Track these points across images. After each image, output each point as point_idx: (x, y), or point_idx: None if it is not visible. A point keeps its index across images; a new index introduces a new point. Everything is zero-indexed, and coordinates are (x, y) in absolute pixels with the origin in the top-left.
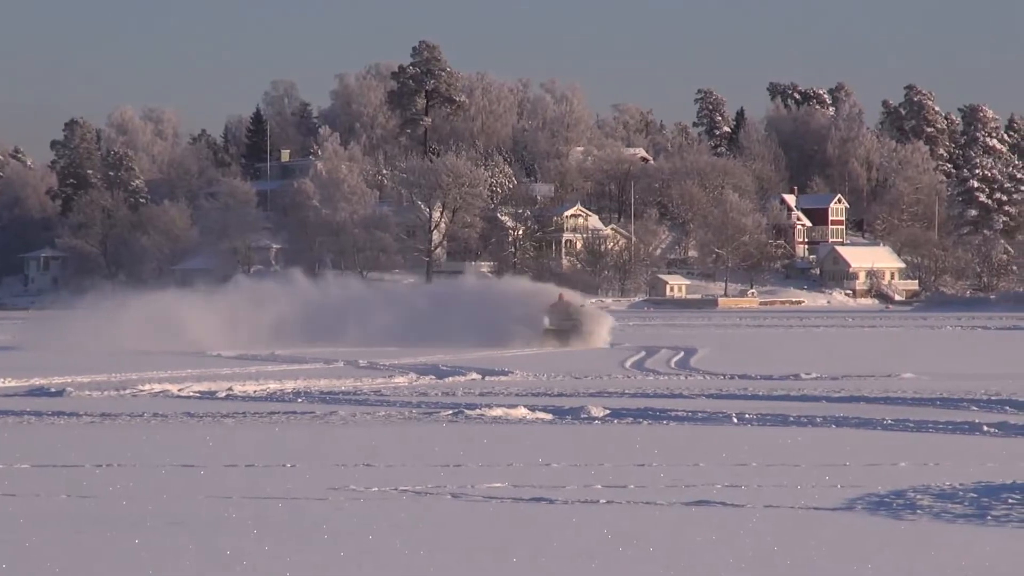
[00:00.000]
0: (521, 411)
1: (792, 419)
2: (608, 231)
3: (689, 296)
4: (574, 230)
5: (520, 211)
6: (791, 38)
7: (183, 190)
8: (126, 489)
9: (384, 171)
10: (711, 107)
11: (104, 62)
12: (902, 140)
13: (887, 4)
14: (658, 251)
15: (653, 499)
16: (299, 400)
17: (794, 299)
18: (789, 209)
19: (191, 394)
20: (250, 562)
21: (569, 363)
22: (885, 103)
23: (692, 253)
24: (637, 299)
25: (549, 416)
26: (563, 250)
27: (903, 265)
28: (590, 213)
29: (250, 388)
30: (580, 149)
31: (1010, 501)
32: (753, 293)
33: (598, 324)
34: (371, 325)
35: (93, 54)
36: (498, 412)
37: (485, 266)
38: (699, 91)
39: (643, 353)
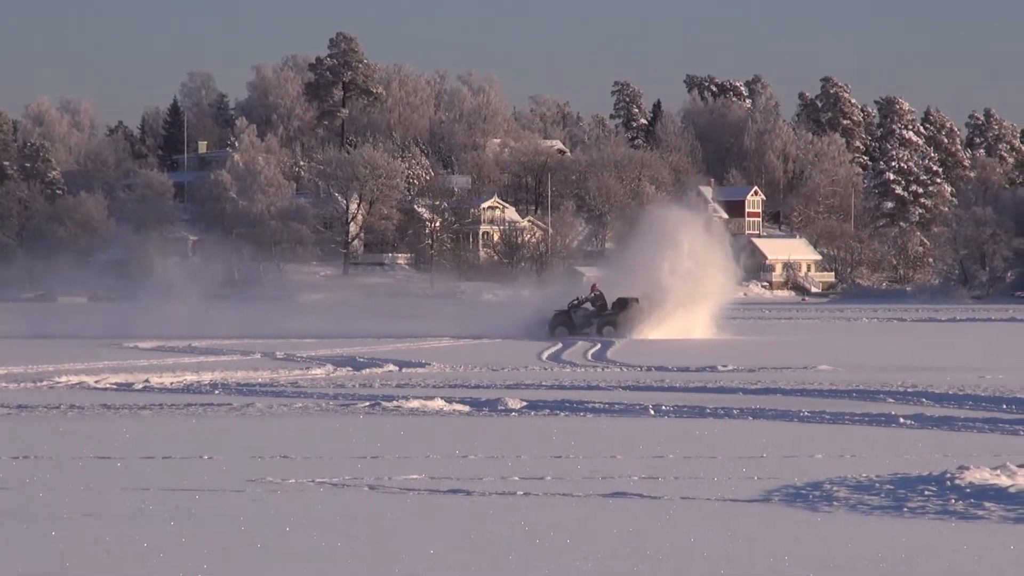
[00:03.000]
0: (438, 403)
1: (709, 411)
2: (525, 223)
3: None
4: (491, 222)
5: (437, 203)
6: (708, 30)
7: (100, 182)
8: (42, 481)
9: (301, 163)
10: (628, 99)
11: (20, 52)
12: (818, 132)
13: None
14: (575, 243)
15: (570, 491)
16: (216, 392)
17: None
18: (706, 201)
19: (108, 386)
20: (167, 555)
21: (486, 355)
22: (801, 95)
23: (609, 245)
24: (553, 291)
25: (466, 408)
26: (480, 242)
27: (819, 257)
28: (507, 205)
29: (167, 380)
30: (497, 141)
31: (926, 493)
32: None
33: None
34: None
35: (8, 44)
36: (415, 404)
37: (402, 258)
38: (616, 83)
39: (560, 345)
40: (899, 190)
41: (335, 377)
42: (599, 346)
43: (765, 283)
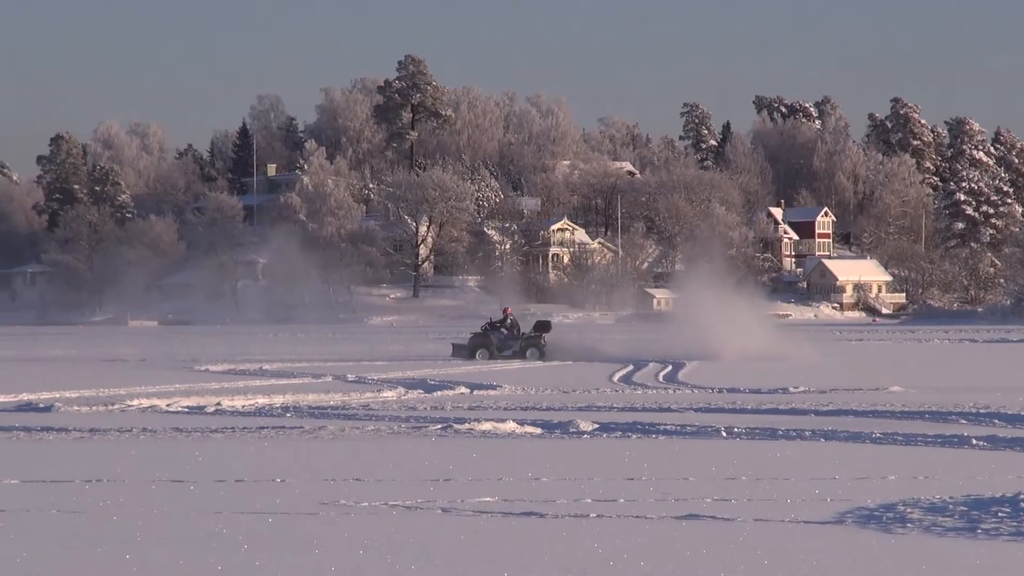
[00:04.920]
0: (510, 425)
1: (781, 433)
2: (595, 245)
3: (677, 310)
4: (561, 244)
5: (507, 225)
6: (777, 52)
7: (169, 205)
8: (116, 504)
9: (370, 185)
10: (697, 121)
11: (90, 77)
12: (888, 153)
13: (873, 18)
14: (645, 265)
15: (643, 513)
16: (288, 415)
17: (781, 312)
18: (776, 222)
19: (179, 409)
20: None
21: (557, 377)
22: (871, 116)
23: (679, 267)
24: (624, 312)
25: (538, 430)
26: (550, 264)
27: (890, 278)
28: (577, 227)
29: (239, 403)
30: (566, 163)
31: (1000, 514)
32: (741, 307)
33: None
34: None
35: (79, 69)
36: (487, 426)
37: (472, 280)
38: (685, 105)
39: (631, 367)
40: (969, 211)
41: (407, 399)
42: (670, 368)
43: (836, 304)
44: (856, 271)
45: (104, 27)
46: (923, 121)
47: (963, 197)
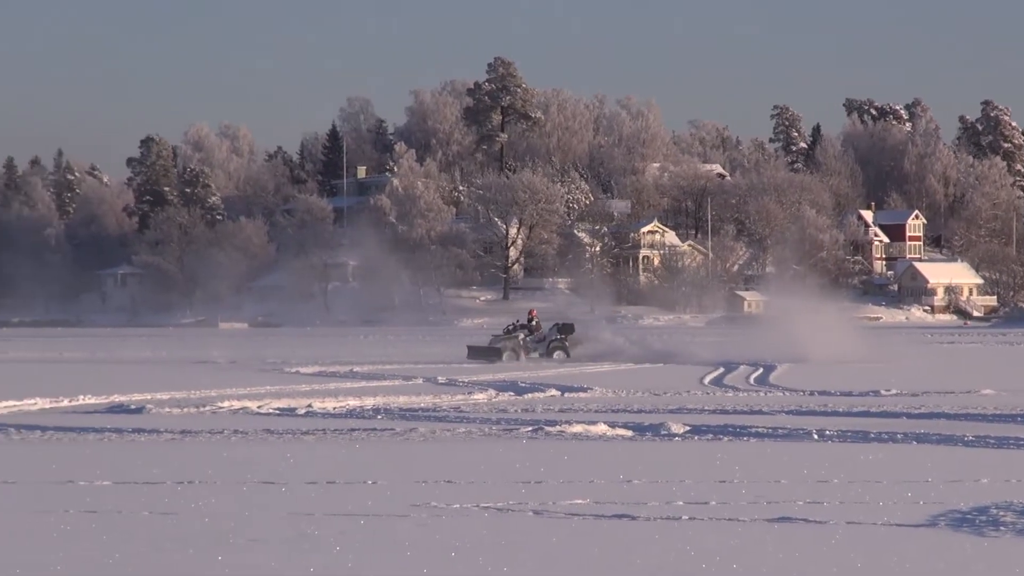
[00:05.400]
0: (601, 427)
1: (873, 435)
2: (685, 247)
3: (767, 313)
4: (651, 246)
5: (597, 227)
6: (868, 54)
7: (259, 207)
8: (207, 506)
9: (460, 187)
10: (787, 123)
11: (180, 79)
12: (979, 156)
13: (964, 20)
14: (735, 267)
15: (735, 515)
16: (379, 417)
17: (872, 315)
18: (866, 225)
19: (270, 411)
20: None
21: (647, 379)
22: (962, 118)
23: (769, 269)
24: (715, 315)
25: (629, 432)
26: (640, 266)
27: (981, 281)
28: (667, 229)
29: (329, 405)
30: (656, 165)
31: None
32: (831, 310)
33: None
34: None
35: (170, 72)
36: (578, 428)
37: (562, 282)
38: (775, 107)
39: (721, 369)
40: None
41: (497, 402)
42: (761, 370)
43: (927, 307)
44: (947, 274)
45: (194, 30)
46: (1014, 124)
47: None
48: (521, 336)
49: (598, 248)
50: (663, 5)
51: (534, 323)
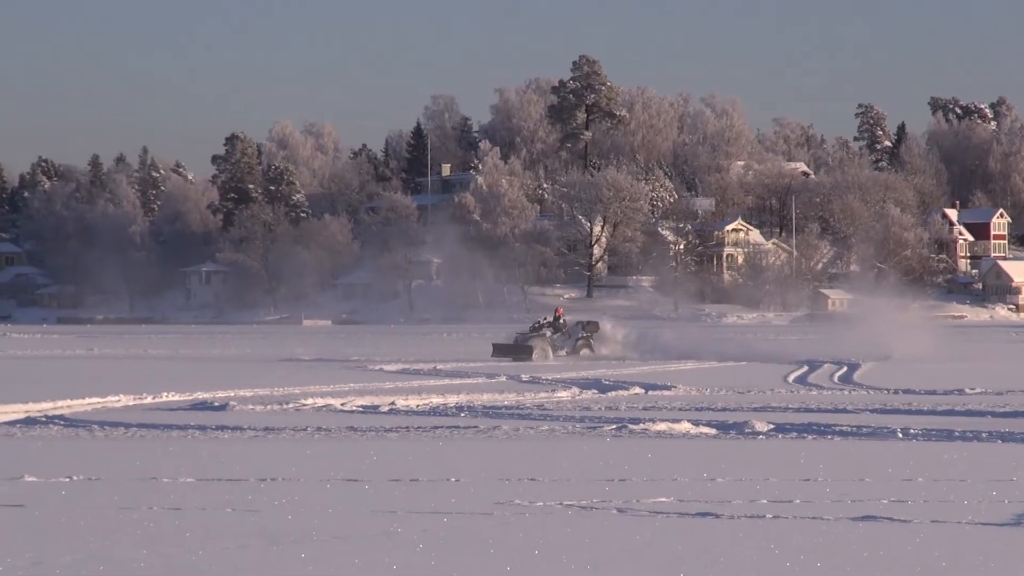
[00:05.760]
0: (685, 425)
1: (957, 434)
2: (769, 245)
3: (851, 311)
4: (735, 244)
5: (681, 225)
6: (952, 53)
7: (344, 204)
8: (291, 503)
9: (544, 185)
10: (872, 122)
11: (265, 77)
12: None
13: None
14: (819, 265)
15: (819, 514)
16: (462, 414)
17: (956, 314)
18: (951, 224)
19: (354, 408)
20: None
21: (731, 378)
22: None
23: (853, 268)
24: (798, 313)
25: (713, 431)
26: (724, 265)
27: None
28: (751, 227)
29: (413, 402)
30: (741, 163)
31: None
32: (915, 308)
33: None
34: None
35: (254, 69)
36: (662, 426)
37: (646, 280)
38: (860, 106)
39: (806, 368)
40: None
41: (581, 400)
42: (845, 369)
43: (1011, 306)
44: None
45: (280, 28)
46: None
47: None
48: (548, 334)
49: (682, 246)
50: (748, 3)
51: (561, 321)
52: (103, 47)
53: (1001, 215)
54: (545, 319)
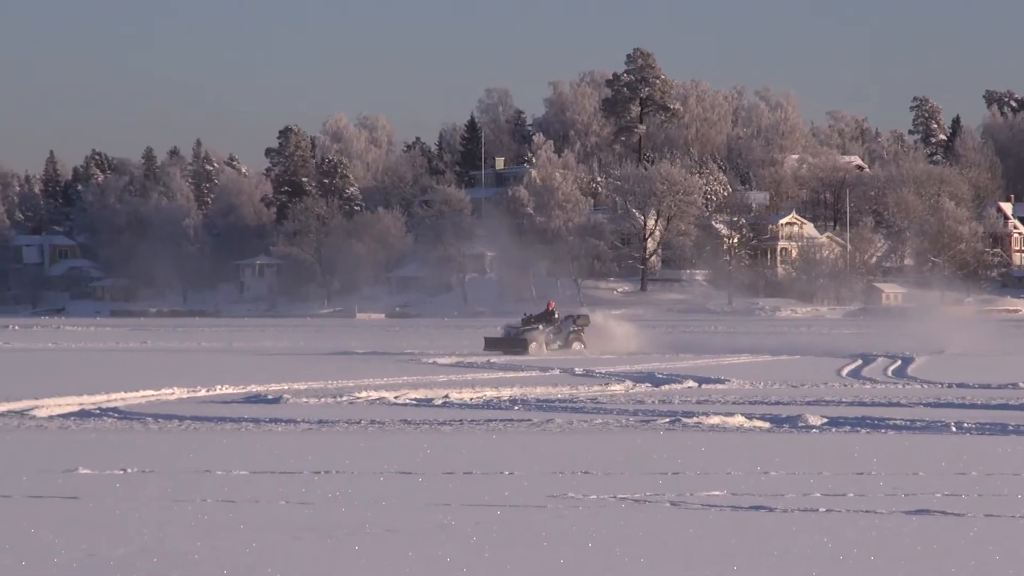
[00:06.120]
0: (738, 419)
1: (1011, 428)
2: (823, 239)
3: (906, 305)
4: (789, 238)
5: (735, 219)
6: (1007, 46)
7: (397, 198)
8: (345, 496)
9: (598, 179)
10: (927, 115)
11: (319, 70)
12: None
13: None
14: (873, 259)
15: (873, 507)
16: (516, 407)
17: (1010, 307)
18: (1006, 217)
19: (407, 401)
20: (470, 570)
21: (785, 371)
22: None
23: (908, 261)
24: (852, 307)
25: (766, 424)
26: (778, 258)
27: None
28: (805, 221)
29: (466, 395)
30: (795, 157)
31: None
32: (969, 302)
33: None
34: None
35: (308, 62)
36: (715, 420)
37: (700, 274)
38: (915, 99)
39: (859, 361)
40: None
41: (634, 393)
42: (899, 363)
43: None
44: None
45: (332, 21)
46: None
47: None
48: (542, 327)
49: (736, 240)
50: None
51: (555, 315)
52: (157, 40)
53: None
54: (534, 313)
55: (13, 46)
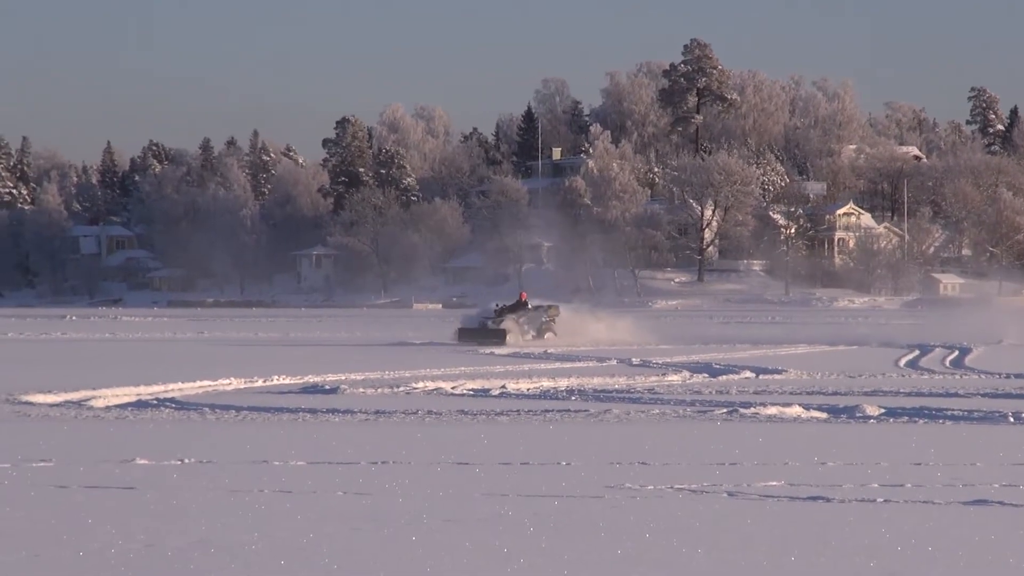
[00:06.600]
0: (796, 409)
1: None
2: (881, 229)
3: (963, 295)
4: (846, 228)
5: (792, 209)
6: None
7: (454, 188)
8: (401, 486)
9: (655, 169)
10: (984, 105)
11: (376, 61)
12: None
13: None
14: (931, 249)
15: (930, 498)
16: (573, 398)
17: None
18: None
19: (465, 392)
20: (527, 560)
21: (842, 362)
22: None
23: (965, 252)
24: (910, 297)
25: (824, 415)
26: (835, 249)
27: None
28: (862, 211)
29: (523, 386)
30: (852, 147)
31: None
32: None
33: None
34: None
35: (366, 53)
36: (773, 410)
37: (757, 264)
38: (972, 89)
39: (917, 352)
40: None
41: (691, 383)
42: (957, 353)
43: None
44: None
45: (388, 12)
46: None
47: None
48: (516, 318)
49: (793, 230)
50: None
51: (528, 306)
52: (214, 31)
53: None
54: (506, 303)
55: (72, 37)
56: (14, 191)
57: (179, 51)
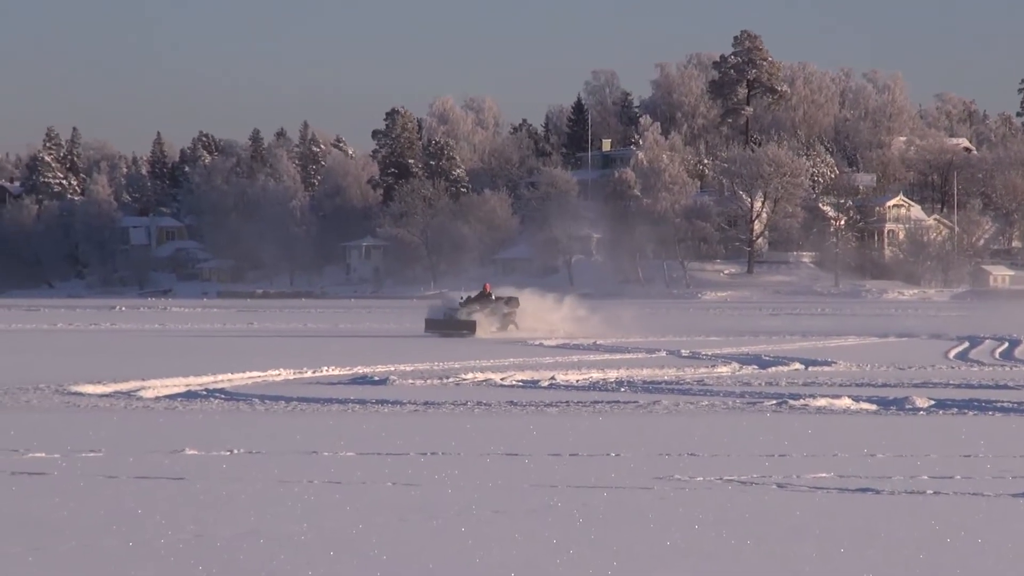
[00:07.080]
0: (845, 401)
1: None
2: (931, 221)
3: (1014, 287)
4: (896, 220)
5: (842, 201)
6: None
7: (504, 179)
8: (451, 477)
9: (705, 161)
10: None
11: (426, 52)
12: None
13: None
14: (981, 241)
15: (980, 490)
16: (622, 389)
17: None
18: None
19: (514, 383)
20: (576, 551)
21: (891, 353)
22: None
23: (1016, 244)
24: (960, 289)
25: (873, 406)
26: (885, 240)
27: None
28: (912, 203)
29: (573, 377)
30: (902, 139)
31: None
32: None
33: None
34: None
35: (415, 44)
36: (822, 402)
37: (806, 256)
38: (1022, 81)
39: (967, 344)
40: None
41: (741, 375)
42: (1007, 345)
43: None
44: None
45: (439, 4)
46: None
47: None
48: (481, 309)
49: (843, 222)
50: None
51: (493, 298)
52: (264, 21)
53: None
54: (471, 295)
55: (122, 29)
56: (64, 182)
57: (230, 42)
